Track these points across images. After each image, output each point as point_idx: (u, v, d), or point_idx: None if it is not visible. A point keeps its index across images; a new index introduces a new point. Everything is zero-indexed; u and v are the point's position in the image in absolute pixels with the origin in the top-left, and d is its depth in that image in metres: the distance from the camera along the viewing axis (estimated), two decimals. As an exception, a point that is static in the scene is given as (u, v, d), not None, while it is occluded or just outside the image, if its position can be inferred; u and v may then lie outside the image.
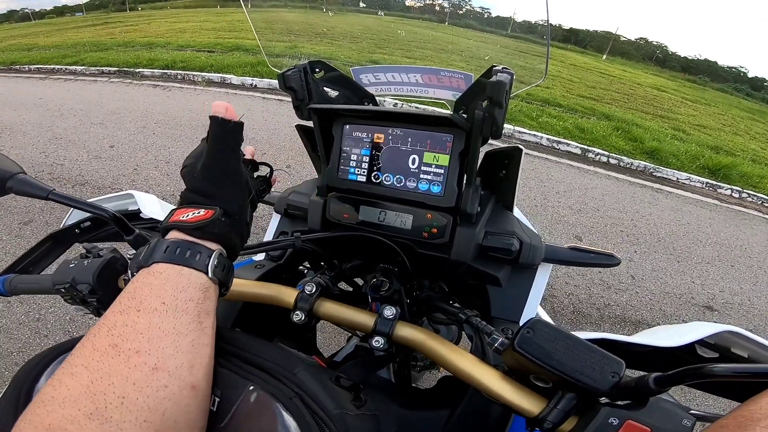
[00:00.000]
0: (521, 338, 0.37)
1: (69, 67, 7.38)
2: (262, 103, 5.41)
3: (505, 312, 0.61)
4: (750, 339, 0.45)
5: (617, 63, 21.34)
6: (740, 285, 2.73)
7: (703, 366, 0.31)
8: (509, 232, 0.59)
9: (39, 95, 5.77)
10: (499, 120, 0.49)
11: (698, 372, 0.31)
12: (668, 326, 0.56)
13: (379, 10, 1.21)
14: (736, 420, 0.28)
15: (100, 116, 4.79)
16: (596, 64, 16.88)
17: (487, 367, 0.44)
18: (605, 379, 0.35)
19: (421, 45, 1.39)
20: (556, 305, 2.25)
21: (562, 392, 0.38)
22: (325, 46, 1.34)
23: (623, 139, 5.35)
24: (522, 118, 5.39)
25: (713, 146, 6.22)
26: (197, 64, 6.90)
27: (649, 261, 2.81)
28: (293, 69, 0.63)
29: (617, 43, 26.22)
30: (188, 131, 4.34)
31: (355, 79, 0.72)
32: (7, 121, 4.55)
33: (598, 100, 7.94)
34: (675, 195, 4.15)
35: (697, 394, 1.75)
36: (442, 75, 0.70)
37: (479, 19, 1.19)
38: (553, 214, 3.23)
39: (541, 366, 0.36)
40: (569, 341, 0.37)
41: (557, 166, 4.30)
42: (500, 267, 0.60)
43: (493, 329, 0.47)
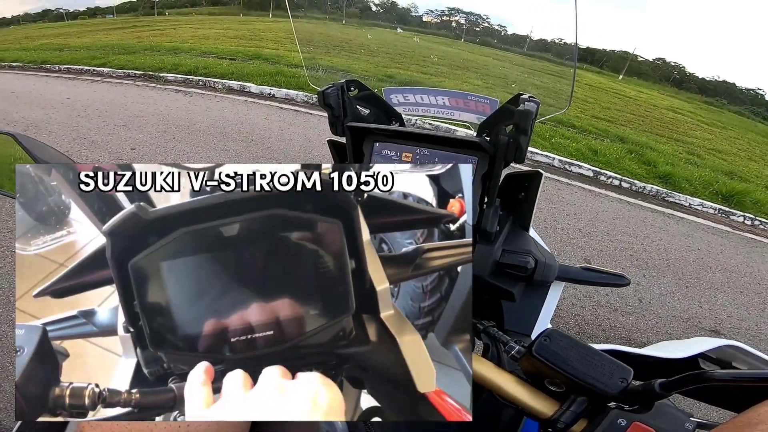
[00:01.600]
0: (539, 345, 0.42)
1: (97, 69, 7.64)
2: (278, 113, 5.54)
3: (517, 326, 0.64)
4: (750, 353, 0.48)
5: (633, 83, 21.22)
6: (748, 311, 2.71)
7: (704, 372, 0.34)
8: (525, 251, 0.62)
9: (67, 95, 5.99)
10: (524, 146, 0.54)
11: (700, 377, 0.34)
12: (673, 341, 0.59)
13: (397, 25, 1.25)
14: (735, 425, 0.29)
15: (124, 118, 4.95)
16: (612, 85, 16.82)
17: (504, 372, 0.48)
18: (615, 384, 0.39)
19: (438, 62, 1.45)
20: (563, 326, 2.27)
21: (575, 396, 0.41)
22: (343, 58, 1.40)
23: (636, 162, 5.33)
24: (535, 138, 5.41)
25: (728, 171, 6.15)
26: (218, 71, 7.10)
27: (657, 285, 2.81)
28: (332, 87, 0.67)
29: (634, 63, 26.05)
30: (207, 138, 4.46)
31: (386, 98, 0.77)
32: (34, 120, 4.74)
33: (613, 122, 7.92)
34: (686, 221, 4.12)
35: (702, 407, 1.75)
36: (468, 99, 0.73)
37: (496, 36, 1.23)
38: (563, 236, 3.24)
39: (556, 370, 0.40)
40: (582, 349, 0.41)
41: (569, 188, 4.32)
42: (515, 283, 0.63)
43: (509, 339, 0.51)
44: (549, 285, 0.65)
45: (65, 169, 0.45)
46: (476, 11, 1.18)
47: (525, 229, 0.69)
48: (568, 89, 0.67)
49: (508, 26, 1.13)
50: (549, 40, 0.93)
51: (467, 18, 1.26)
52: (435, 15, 1.22)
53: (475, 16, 1.23)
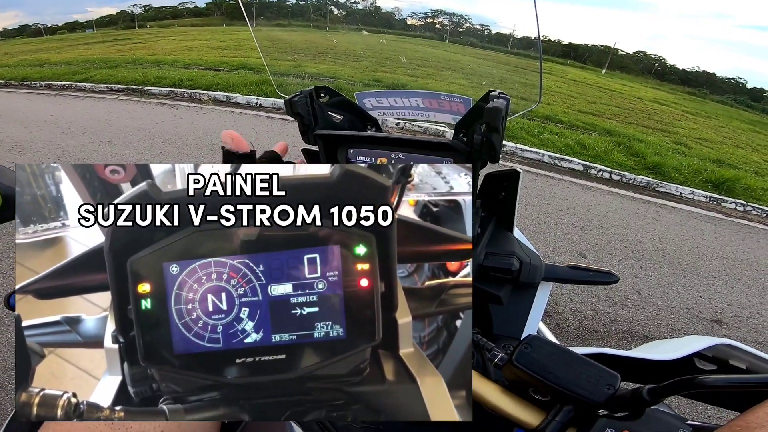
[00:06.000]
0: (519, 354, 0.40)
1: (79, 84, 7.53)
2: (267, 123, 5.49)
3: (506, 329, 0.63)
4: (746, 351, 0.47)
5: (617, 77, 21.55)
6: (748, 298, 2.72)
7: (695, 377, 0.32)
8: (509, 253, 0.61)
9: (50, 112, 5.88)
10: (497, 145, 0.52)
11: (691, 383, 0.32)
12: (666, 340, 0.58)
13: (380, 29, 1.24)
14: (732, 429, 0.29)
15: (109, 134, 4.87)
16: (596, 79, 17.06)
17: (488, 382, 0.46)
18: (600, 392, 0.37)
19: (422, 63, 1.43)
20: (562, 322, 2.25)
21: (560, 405, 0.39)
22: (329, 65, 1.38)
23: (625, 154, 5.38)
24: (523, 135, 5.44)
25: (716, 159, 6.24)
26: (204, 83, 7.04)
27: (655, 276, 2.81)
28: (299, 95, 0.65)
29: (616, 57, 26.51)
30: (194, 150, 4.41)
31: (359, 103, 0.75)
32: (18, 139, 4.64)
33: (599, 116, 8.01)
34: (679, 210, 4.15)
35: (706, 405, 1.74)
36: (442, 99, 0.71)
37: (479, 36, 1.22)
38: (557, 231, 3.24)
39: (538, 379, 0.38)
40: (565, 356, 0.39)
41: (560, 183, 4.32)
42: (501, 286, 0.62)
43: (493, 345, 0.49)
44: (536, 286, 0.64)
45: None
46: (444, 9, 1.18)
47: (509, 229, 0.68)
48: (540, 83, 0.66)
49: (473, 19, 1.12)
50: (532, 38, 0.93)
51: (432, 16, 1.25)
52: (403, 15, 1.21)
53: (440, 15, 1.22)
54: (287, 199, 0.36)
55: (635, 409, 0.36)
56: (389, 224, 0.37)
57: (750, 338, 2.35)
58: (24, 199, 0.53)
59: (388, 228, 0.37)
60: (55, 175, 0.58)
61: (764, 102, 24.26)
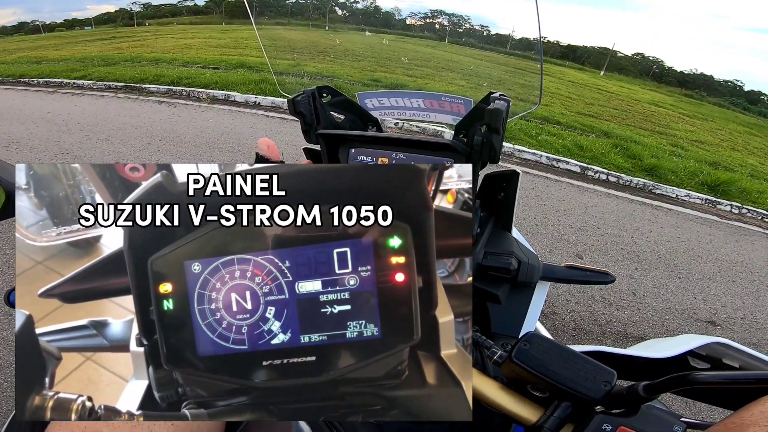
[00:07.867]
0: (518, 350, 0.40)
1: (77, 81, 7.50)
2: (265, 121, 5.49)
3: (504, 328, 0.63)
4: (739, 350, 0.47)
5: (615, 79, 21.61)
6: (742, 300, 2.74)
7: (689, 374, 0.33)
8: (508, 252, 0.61)
9: (47, 109, 5.86)
10: (497, 146, 0.52)
11: (684, 379, 0.33)
12: (661, 339, 0.59)
13: (380, 29, 1.24)
14: (726, 427, 0.29)
15: (106, 132, 4.85)
16: (594, 81, 17.10)
17: (488, 379, 0.46)
18: (597, 388, 0.37)
19: (422, 63, 1.44)
20: (558, 322, 2.26)
21: (558, 401, 0.40)
22: (328, 64, 1.39)
23: (622, 156, 5.40)
24: (521, 137, 5.45)
25: (712, 162, 6.27)
26: (202, 81, 7.02)
27: (650, 278, 2.83)
28: (302, 94, 0.65)
29: (614, 59, 26.58)
30: (192, 149, 4.40)
31: (360, 103, 0.75)
32: (16, 136, 4.62)
33: (597, 117, 8.03)
34: (675, 212, 4.17)
35: (702, 404, 1.76)
36: (443, 100, 0.72)
37: (478, 36, 1.22)
38: (554, 232, 3.25)
39: (537, 376, 0.39)
40: (563, 353, 0.39)
41: (557, 184, 4.33)
42: (499, 285, 0.62)
43: (492, 343, 0.49)
44: (534, 285, 0.65)
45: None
46: (444, 9, 1.18)
47: (507, 229, 0.69)
48: (541, 85, 0.66)
49: (473, 19, 1.13)
50: (531, 39, 0.93)
51: (432, 16, 1.25)
52: (402, 15, 1.22)
53: (440, 15, 1.23)
54: (317, 199, 0.34)
55: (631, 405, 0.36)
56: (427, 213, 0.34)
57: (744, 339, 2.36)
58: (40, 198, 0.52)
59: (426, 217, 0.35)
60: (75, 174, 0.57)
61: (761, 105, 24.39)
